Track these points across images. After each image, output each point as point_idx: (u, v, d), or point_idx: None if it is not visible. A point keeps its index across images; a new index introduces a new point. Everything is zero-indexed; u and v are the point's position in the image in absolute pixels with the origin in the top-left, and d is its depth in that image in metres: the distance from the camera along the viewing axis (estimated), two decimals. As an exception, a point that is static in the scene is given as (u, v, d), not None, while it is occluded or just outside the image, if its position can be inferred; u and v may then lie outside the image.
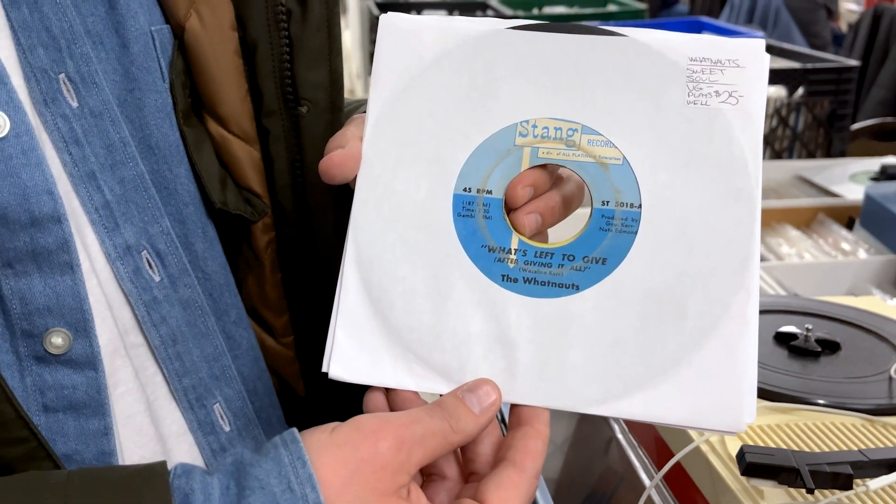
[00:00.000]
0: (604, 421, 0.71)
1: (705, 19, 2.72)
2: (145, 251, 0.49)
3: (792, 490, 0.49)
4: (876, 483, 0.46)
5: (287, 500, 0.37)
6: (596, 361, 0.42)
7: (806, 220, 1.36)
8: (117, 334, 0.47)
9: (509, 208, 0.45)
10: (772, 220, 1.36)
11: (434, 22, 0.47)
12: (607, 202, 0.44)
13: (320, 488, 0.38)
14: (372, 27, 2.69)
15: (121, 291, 0.48)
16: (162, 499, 0.37)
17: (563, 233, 0.45)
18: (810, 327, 0.66)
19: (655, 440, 0.63)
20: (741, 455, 0.48)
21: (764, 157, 1.77)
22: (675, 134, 0.43)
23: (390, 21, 0.47)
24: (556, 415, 0.82)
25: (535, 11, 3.10)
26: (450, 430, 0.41)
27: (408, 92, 0.46)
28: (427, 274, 0.44)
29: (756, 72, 0.44)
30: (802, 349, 0.65)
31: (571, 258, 0.44)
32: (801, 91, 1.76)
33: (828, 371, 0.63)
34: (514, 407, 0.43)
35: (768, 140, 1.77)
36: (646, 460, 0.63)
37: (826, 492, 0.48)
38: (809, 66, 1.79)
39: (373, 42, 2.48)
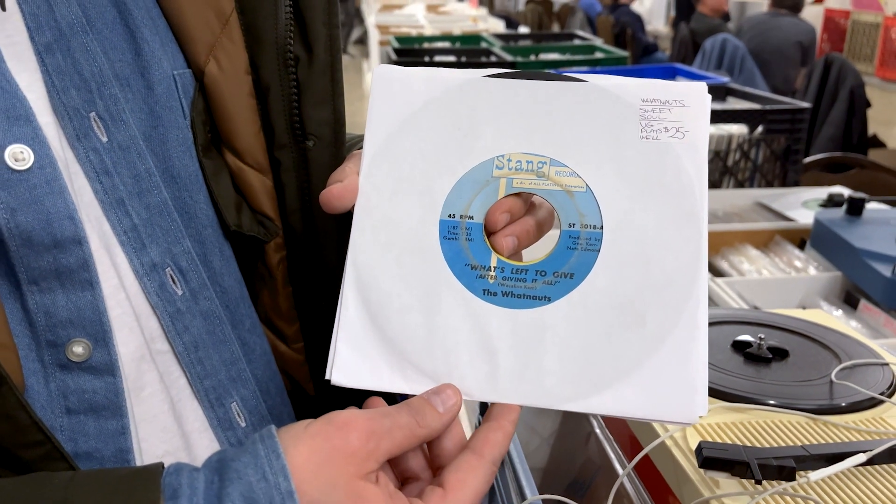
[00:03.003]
0: (584, 417, 0.70)
1: (679, 65, 2.72)
2: (169, 268, 0.48)
3: (743, 481, 0.48)
4: (816, 475, 0.46)
5: (262, 489, 0.36)
6: (568, 364, 0.42)
7: (764, 241, 1.36)
8: (144, 342, 0.46)
9: (489, 232, 0.44)
10: (734, 240, 1.36)
11: (422, 72, 0.47)
12: (573, 224, 0.44)
13: (292, 476, 0.37)
14: None
15: (148, 304, 0.47)
16: (151, 495, 0.36)
17: (535, 252, 0.45)
18: (763, 337, 0.66)
19: (629, 436, 0.62)
20: (699, 450, 0.48)
21: (728, 186, 1.76)
22: (631, 165, 0.43)
23: (384, 72, 0.47)
24: (543, 412, 0.81)
25: (533, 58, 3.09)
26: (416, 425, 0.40)
27: (400, 132, 0.46)
28: (418, 291, 0.44)
29: (699, 110, 0.44)
30: (756, 356, 0.64)
31: (543, 273, 0.43)
32: (760, 129, 1.76)
33: (778, 375, 0.62)
34: (489, 406, 0.43)
35: (732, 171, 1.76)
36: (619, 452, 0.62)
37: (773, 482, 0.47)
38: (768, 107, 1.79)
39: None
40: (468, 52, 3.03)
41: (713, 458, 0.47)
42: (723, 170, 1.76)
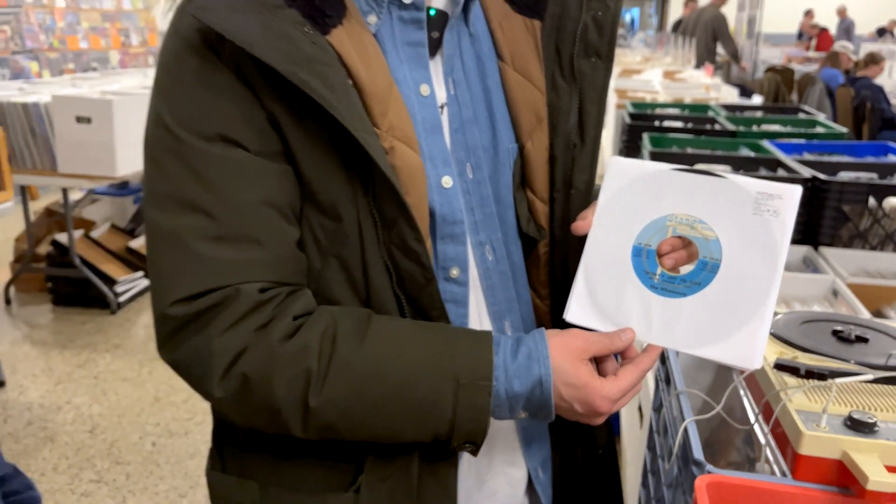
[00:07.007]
0: (729, 374, 1.05)
1: (893, 144, 2.76)
2: (487, 245, 0.86)
3: (800, 380, 0.82)
4: (839, 381, 0.79)
5: (536, 349, 0.75)
6: (692, 328, 0.74)
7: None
8: (474, 280, 0.86)
9: (659, 255, 0.76)
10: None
11: (635, 162, 0.79)
12: (706, 257, 0.74)
13: (549, 351, 0.74)
14: (622, 130, 3.04)
15: (475, 263, 0.85)
16: (487, 337, 0.75)
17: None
18: (853, 327, 0.97)
19: (754, 380, 0.96)
20: (776, 363, 0.82)
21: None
22: (744, 228, 0.73)
23: (614, 161, 0.81)
24: (703, 371, 1.15)
25: (755, 128, 3.29)
26: (611, 343, 0.76)
27: (618, 194, 0.79)
28: (616, 281, 0.78)
29: (791, 202, 0.73)
30: (846, 338, 0.95)
31: (685, 281, 0.75)
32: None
33: (857, 351, 0.93)
34: (647, 348, 0.78)
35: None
36: (744, 385, 0.96)
37: (814, 381, 0.80)
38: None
39: (622, 141, 2.79)
40: (694, 119, 3.29)
41: (781, 365, 0.81)
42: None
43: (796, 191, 0.74)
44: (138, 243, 4.31)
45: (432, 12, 0.80)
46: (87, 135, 3.40)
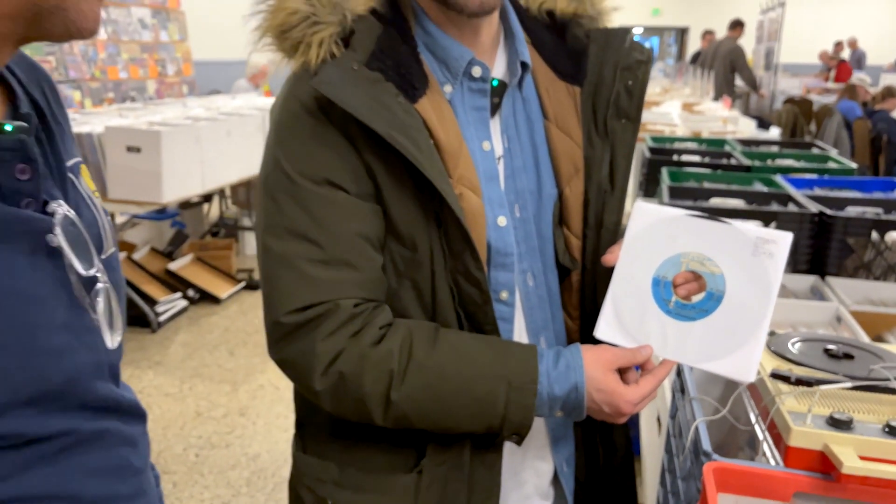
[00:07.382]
0: (735, 386, 1.21)
1: (902, 180, 2.91)
2: (529, 272, 1.03)
3: (792, 387, 0.99)
4: (823, 388, 0.96)
5: (573, 361, 0.91)
6: (699, 346, 0.91)
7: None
8: (518, 303, 1.03)
9: (674, 285, 0.93)
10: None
11: (654, 206, 0.97)
12: (712, 289, 0.90)
13: (583, 362, 0.92)
14: (642, 163, 3.20)
15: (518, 286, 1.02)
16: (532, 350, 0.92)
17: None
18: (841, 346, 1.13)
19: (755, 389, 1.13)
20: (772, 373, 0.99)
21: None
22: (744, 266, 0.89)
23: (639, 206, 0.96)
24: (713, 384, 1.32)
25: (770, 163, 3.46)
26: (633, 358, 0.93)
27: (640, 234, 0.95)
28: (638, 306, 0.93)
29: (783, 247, 0.88)
30: (835, 355, 1.12)
31: (695, 308, 0.91)
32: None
33: (843, 366, 1.10)
34: (662, 361, 0.95)
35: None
36: (748, 393, 1.13)
37: (803, 387, 0.97)
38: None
39: (642, 174, 2.94)
40: (711, 153, 3.46)
41: (775, 375, 0.98)
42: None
43: (788, 237, 0.91)
44: (176, 266, 4.53)
45: (495, 83, 0.99)
46: (136, 163, 3.62)
